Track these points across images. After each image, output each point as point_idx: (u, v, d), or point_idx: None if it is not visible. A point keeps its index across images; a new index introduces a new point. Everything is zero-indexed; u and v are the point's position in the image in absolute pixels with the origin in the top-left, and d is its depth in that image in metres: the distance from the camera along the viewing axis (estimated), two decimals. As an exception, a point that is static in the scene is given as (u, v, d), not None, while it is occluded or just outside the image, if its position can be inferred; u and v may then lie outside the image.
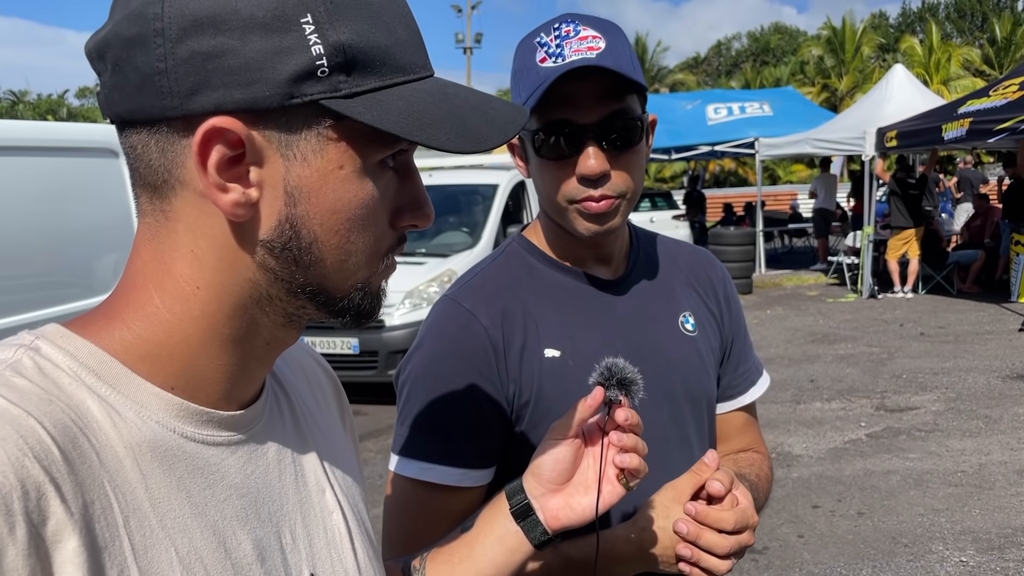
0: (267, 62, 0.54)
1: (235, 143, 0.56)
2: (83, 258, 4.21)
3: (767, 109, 15.38)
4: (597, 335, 1.12)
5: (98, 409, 0.56)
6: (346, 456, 0.81)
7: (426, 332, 1.11)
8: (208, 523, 0.59)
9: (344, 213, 0.59)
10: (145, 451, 0.57)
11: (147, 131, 0.57)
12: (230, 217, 0.58)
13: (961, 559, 3.87)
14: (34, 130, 4.30)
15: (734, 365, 1.28)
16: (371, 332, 6.55)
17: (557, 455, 0.86)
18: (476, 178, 8.20)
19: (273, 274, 0.60)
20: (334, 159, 0.58)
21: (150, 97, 0.55)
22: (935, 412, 6.10)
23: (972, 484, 4.73)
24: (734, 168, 32.51)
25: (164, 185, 0.58)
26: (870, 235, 11.22)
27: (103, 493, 0.53)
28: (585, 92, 1.02)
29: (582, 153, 1.03)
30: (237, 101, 0.54)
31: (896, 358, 7.80)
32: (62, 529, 0.50)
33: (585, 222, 1.07)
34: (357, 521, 0.76)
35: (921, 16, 42.75)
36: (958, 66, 30.77)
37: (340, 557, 0.71)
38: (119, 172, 4.27)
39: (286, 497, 0.68)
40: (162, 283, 0.60)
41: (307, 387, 0.80)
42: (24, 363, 0.55)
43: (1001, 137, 8.79)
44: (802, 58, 38.38)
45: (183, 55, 0.54)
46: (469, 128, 0.60)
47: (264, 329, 0.63)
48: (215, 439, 0.62)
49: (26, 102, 48.34)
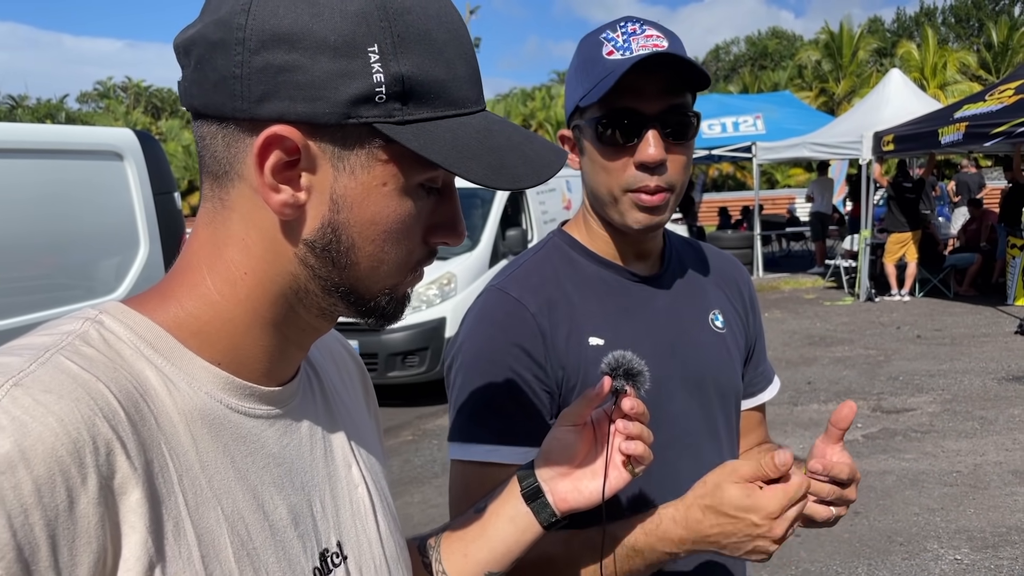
0: (331, 83, 0.60)
1: (292, 150, 0.61)
2: (85, 261, 4.22)
3: (760, 126, 15.41)
4: (638, 326, 1.16)
5: (155, 378, 0.61)
6: (371, 437, 0.86)
7: (476, 320, 1.14)
8: (249, 487, 0.65)
9: (382, 225, 0.65)
10: (196, 418, 0.63)
11: (217, 125, 0.63)
12: (278, 215, 0.63)
13: (956, 557, 3.91)
14: (38, 133, 4.31)
15: (755, 364, 1.34)
16: (371, 335, 6.58)
17: (567, 441, 0.90)
18: (476, 183, 8.24)
19: (312, 271, 0.65)
20: (379, 176, 0.63)
21: (223, 96, 0.61)
22: (931, 413, 6.13)
23: (967, 484, 4.77)
24: (732, 172, 32.57)
25: (225, 176, 0.64)
26: (867, 238, 11.26)
27: (160, 453, 0.59)
28: (650, 83, 1.07)
29: (643, 140, 1.07)
30: (299, 113, 0.60)
31: (893, 360, 7.84)
32: (127, 482, 0.56)
33: (637, 213, 1.11)
34: (380, 496, 0.81)
35: (918, 21, 42.86)
36: (955, 71, 30.85)
37: (364, 527, 0.77)
38: (123, 175, 4.30)
39: (316, 469, 0.73)
40: (214, 266, 0.66)
41: (336, 371, 0.85)
42: (91, 334, 0.61)
43: (997, 141, 8.84)
44: (800, 62, 38.47)
45: (258, 65, 0.59)
46: (506, 166, 0.65)
47: (301, 317, 0.69)
48: (256, 411, 0.68)
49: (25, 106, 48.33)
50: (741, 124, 15.63)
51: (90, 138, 4.36)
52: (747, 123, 15.62)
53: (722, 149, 14.74)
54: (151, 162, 4.43)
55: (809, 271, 14.51)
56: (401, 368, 6.68)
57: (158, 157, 4.51)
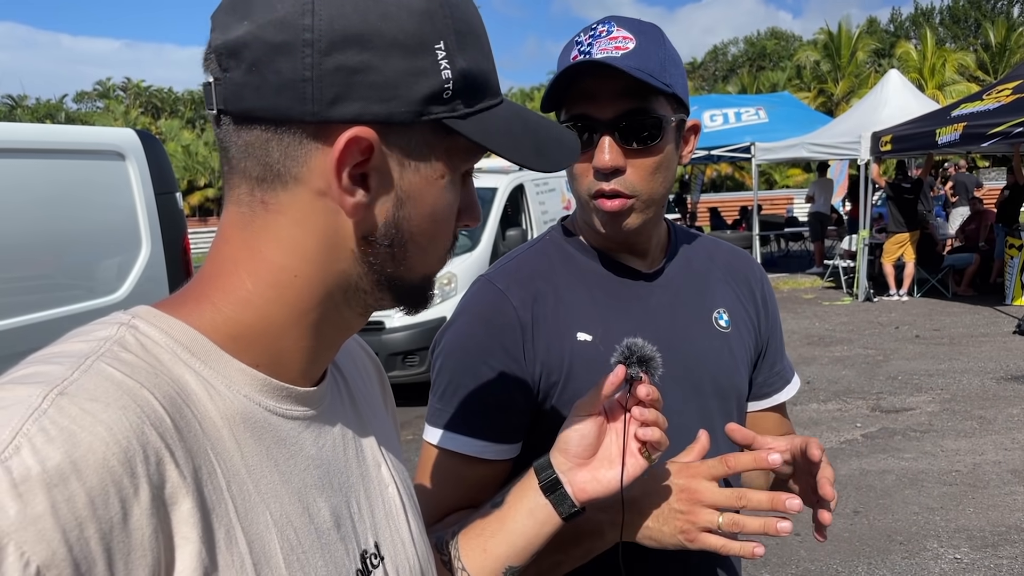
0: (404, 81, 0.60)
1: (366, 150, 0.60)
2: (87, 260, 4.21)
3: (763, 115, 15.43)
4: (629, 323, 1.14)
5: (195, 383, 0.60)
6: (392, 435, 0.86)
7: (460, 309, 1.16)
8: (294, 490, 0.64)
9: (438, 215, 0.67)
10: (238, 422, 0.62)
11: (272, 129, 0.60)
12: (351, 217, 0.62)
13: (955, 556, 3.92)
14: (40, 133, 4.30)
15: (770, 364, 1.30)
16: (371, 334, 6.58)
17: (583, 431, 0.90)
18: (475, 182, 8.24)
19: (369, 266, 0.65)
20: (439, 170, 0.65)
21: (289, 100, 0.58)
22: (930, 413, 6.15)
23: (966, 483, 4.78)
24: (731, 173, 32.59)
25: (276, 179, 0.62)
26: (866, 239, 11.28)
27: (207, 460, 0.58)
28: (604, 89, 1.06)
29: (596, 146, 1.07)
30: (375, 114, 0.60)
31: (891, 360, 7.85)
32: (177, 491, 0.55)
33: (599, 220, 1.12)
34: (408, 495, 0.81)
35: (915, 21, 42.90)
36: (953, 71, 30.90)
37: (397, 528, 0.77)
38: (125, 175, 4.29)
39: (351, 470, 0.73)
40: (255, 269, 0.64)
41: (355, 370, 0.85)
42: (128, 340, 0.59)
43: (994, 141, 8.85)
44: (798, 63, 38.49)
45: (330, 67, 0.58)
46: (544, 149, 0.69)
47: (343, 316, 0.68)
48: (293, 413, 0.67)
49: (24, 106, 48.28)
50: (743, 114, 15.64)
51: (92, 138, 4.34)
52: (749, 113, 15.62)
53: (721, 149, 14.75)
54: (153, 162, 4.42)
55: (808, 271, 14.52)
56: (401, 368, 6.69)
57: (160, 157, 4.50)
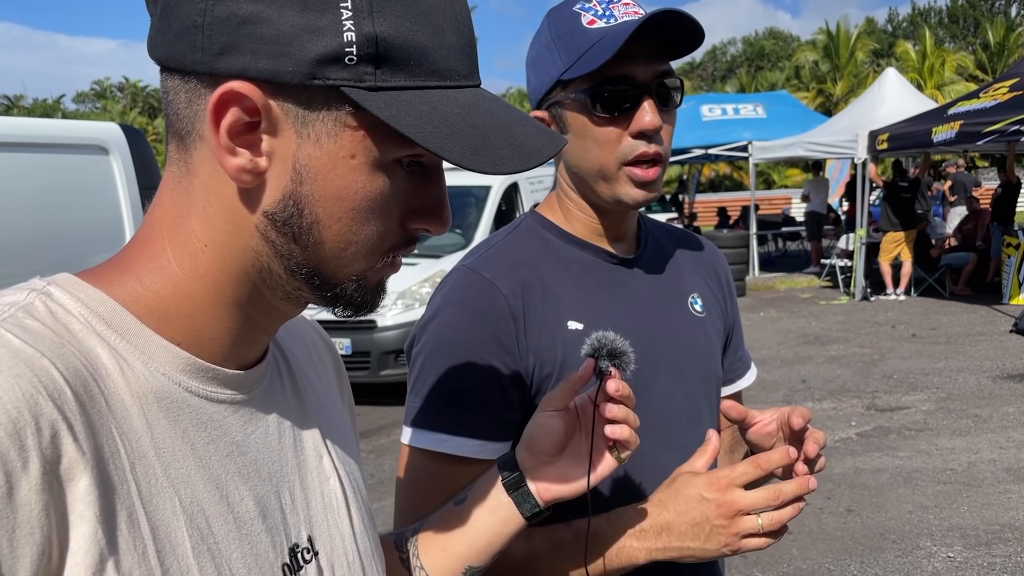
0: (296, 38, 0.55)
1: (252, 110, 0.56)
2: (70, 256, 4.18)
3: (761, 111, 15.45)
4: (617, 308, 1.12)
5: (107, 357, 0.56)
6: (343, 426, 0.81)
7: (443, 300, 1.09)
8: (211, 476, 0.60)
9: (349, 202, 0.59)
10: (151, 401, 0.58)
11: (180, 79, 0.58)
12: (234, 181, 0.58)
13: (949, 555, 3.89)
14: (25, 127, 4.27)
15: (734, 349, 1.31)
16: (363, 333, 6.55)
17: (549, 427, 0.86)
18: (469, 180, 8.22)
19: (273, 247, 0.60)
20: (347, 147, 0.58)
21: (184, 48, 0.56)
22: (925, 412, 6.12)
23: (961, 482, 4.75)
24: (729, 172, 32.58)
25: (188, 136, 0.59)
26: (863, 238, 11.26)
27: (111, 438, 0.54)
28: (642, 51, 1.03)
29: (639, 108, 1.04)
30: (261, 70, 0.55)
31: (887, 359, 7.83)
32: (74, 467, 0.51)
33: (633, 189, 1.08)
34: (353, 489, 0.76)
35: (913, 21, 42.92)
36: (952, 71, 30.91)
37: (336, 522, 0.72)
38: (110, 169, 4.26)
39: (285, 460, 0.68)
40: (175, 236, 0.61)
41: (307, 357, 0.80)
42: (37, 306, 0.56)
43: (990, 139, 8.83)
44: (797, 63, 38.50)
45: (221, 14, 0.54)
46: (489, 147, 0.58)
47: (266, 299, 0.64)
48: (218, 396, 0.63)
49: (21, 106, 48.28)
50: (742, 108, 15.66)
51: (74, 132, 4.32)
52: (747, 108, 15.65)
53: (718, 148, 14.74)
54: (137, 156, 4.37)
55: (805, 270, 14.52)
56: (394, 366, 6.64)
57: (144, 151, 4.46)
